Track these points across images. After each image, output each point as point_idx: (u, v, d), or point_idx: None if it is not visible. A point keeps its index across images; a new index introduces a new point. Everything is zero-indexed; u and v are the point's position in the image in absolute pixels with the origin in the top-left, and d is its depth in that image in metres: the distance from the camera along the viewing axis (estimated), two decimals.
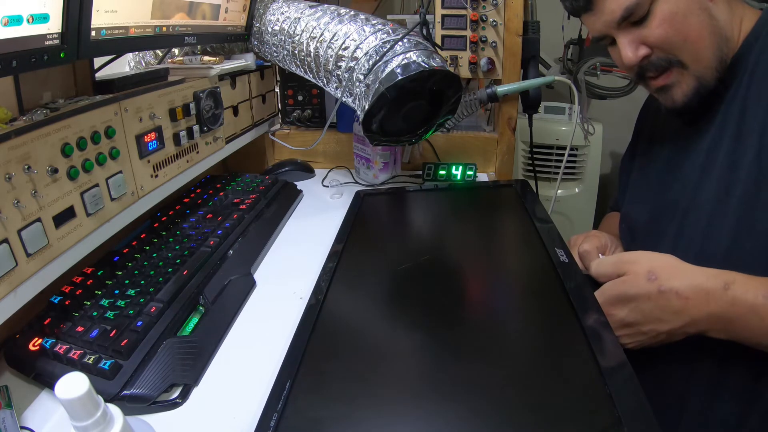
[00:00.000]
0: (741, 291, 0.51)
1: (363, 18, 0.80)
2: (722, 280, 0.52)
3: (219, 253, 0.70)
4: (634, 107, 2.33)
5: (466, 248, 0.72)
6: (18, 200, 0.48)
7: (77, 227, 0.56)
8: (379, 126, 0.77)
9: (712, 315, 0.52)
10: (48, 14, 0.48)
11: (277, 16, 0.89)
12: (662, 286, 0.54)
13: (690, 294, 0.53)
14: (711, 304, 0.52)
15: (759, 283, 0.51)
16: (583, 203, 1.83)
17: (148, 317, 0.54)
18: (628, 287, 0.56)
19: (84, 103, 0.59)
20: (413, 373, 0.47)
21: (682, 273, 0.54)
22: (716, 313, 0.52)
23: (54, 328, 0.53)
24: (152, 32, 0.66)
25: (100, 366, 0.48)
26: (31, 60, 0.47)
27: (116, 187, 0.61)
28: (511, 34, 0.97)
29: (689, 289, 0.53)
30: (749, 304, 0.50)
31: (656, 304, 0.54)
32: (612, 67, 1.84)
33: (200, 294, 0.61)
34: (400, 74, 0.71)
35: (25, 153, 0.49)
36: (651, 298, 0.55)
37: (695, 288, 0.53)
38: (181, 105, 0.75)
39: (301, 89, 1.13)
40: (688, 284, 0.53)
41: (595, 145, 1.77)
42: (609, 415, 0.38)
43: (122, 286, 0.60)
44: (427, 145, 1.07)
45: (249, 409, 0.46)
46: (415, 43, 0.75)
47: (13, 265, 0.48)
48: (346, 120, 1.10)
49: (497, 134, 1.06)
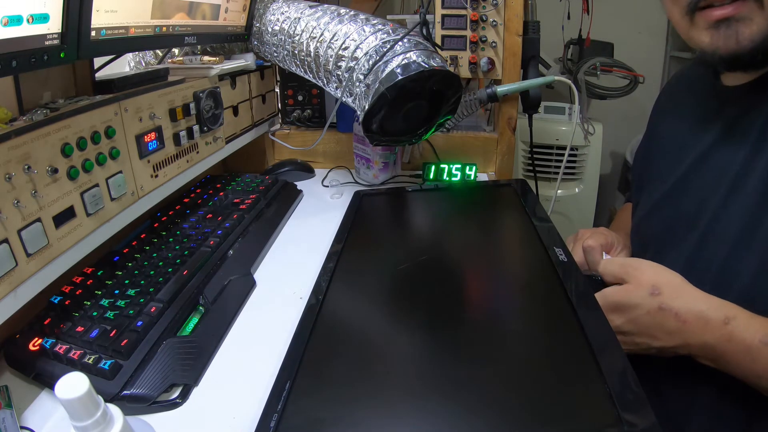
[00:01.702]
0: (740, 329, 0.50)
1: (363, 18, 0.80)
2: (724, 313, 0.51)
3: (219, 253, 0.70)
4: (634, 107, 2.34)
5: (465, 248, 0.72)
6: (18, 200, 0.48)
7: (77, 227, 0.56)
8: (379, 126, 0.77)
9: (707, 345, 0.51)
10: (48, 14, 0.48)
11: (277, 16, 0.89)
12: (663, 303, 0.53)
13: (689, 318, 0.52)
14: (707, 333, 0.51)
15: (760, 325, 0.50)
16: (583, 203, 1.83)
17: (148, 317, 0.54)
18: (629, 296, 0.55)
19: (84, 103, 0.59)
20: (412, 372, 0.47)
21: (686, 295, 0.53)
22: (710, 344, 0.51)
23: (54, 328, 0.53)
24: (152, 32, 0.66)
25: (100, 366, 0.48)
26: (31, 60, 0.47)
27: (116, 187, 0.61)
28: (511, 34, 0.97)
29: (689, 314, 0.52)
30: (745, 344, 0.49)
31: (653, 320, 0.54)
32: (612, 67, 1.84)
33: (200, 294, 0.61)
34: (400, 74, 0.71)
35: (25, 153, 0.49)
36: (650, 312, 0.54)
37: (696, 314, 0.52)
38: (181, 105, 0.75)
39: (301, 89, 1.13)
40: (689, 308, 0.52)
41: (595, 145, 1.78)
42: (609, 414, 0.38)
43: (122, 286, 0.60)
44: (427, 145, 1.07)
45: (249, 409, 0.46)
46: (415, 43, 0.75)
47: (13, 265, 0.48)
48: (346, 120, 1.10)
49: (497, 134, 1.06)
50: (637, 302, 0.55)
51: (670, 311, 0.53)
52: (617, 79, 1.86)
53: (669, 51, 2.32)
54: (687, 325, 0.52)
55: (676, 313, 0.53)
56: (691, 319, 0.52)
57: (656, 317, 0.54)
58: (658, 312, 0.53)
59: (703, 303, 0.52)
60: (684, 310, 0.52)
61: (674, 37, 2.31)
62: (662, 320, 0.53)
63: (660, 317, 0.53)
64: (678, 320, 0.52)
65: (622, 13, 2.15)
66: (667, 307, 0.53)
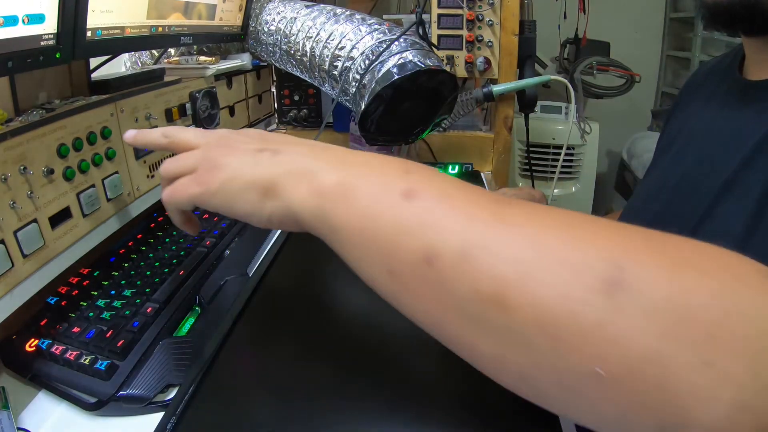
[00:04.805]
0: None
1: (359, 18, 0.80)
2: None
3: (215, 253, 0.70)
4: (630, 106, 2.35)
5: None
6: (14, 201, 0.48)
7: (73, 228, 0.56)
8: (376, 125, 0.77)
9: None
10: (44, 14, 0.48)
11: (273, 15, 0.89)
12: None
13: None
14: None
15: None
16: (580, 202, 1.83)
17: (145, 318, 0.54)
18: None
19: (80, 104, 0.59)
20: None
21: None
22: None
23: (50, 329, 0.53)
24: (148, 32, 0.66)
25: (96, 367, 0.48)
26: (27, 61, 0.47)
27: (112, 187, 0.61)
28: (508, 33, 0.97)
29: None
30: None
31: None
32: (608, 67, 1.84)
33: (196, 294, 0.61)
34: (397, 74, 0.71)
35: (21, 154, 0.49)
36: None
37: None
38: (177, 105, 0.75)
39: (297, 89, 1.13)
40: None
41: (591, 144, 1.78)
42: None
43: (118, 287, 0.60)
44: (423, 144, 1.07)
45: None
46: (411, 42, 0.75)
47: (9, 266, 0.48)
48: (342, 120, 1.10)
49: (494, 133, 1.06)
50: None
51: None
52: (613, 78, 1.87)
53: (665, 50, 2.33)
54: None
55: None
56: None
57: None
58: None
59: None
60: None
61: (670, 37, 2.32)
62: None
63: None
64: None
65: (618, 12, 2.16)
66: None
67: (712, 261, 0.27)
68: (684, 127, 0.64)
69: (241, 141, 0.42)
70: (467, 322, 0.29)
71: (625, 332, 0.25)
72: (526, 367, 0.28)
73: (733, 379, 0.24)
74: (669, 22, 2.29)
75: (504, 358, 0.29)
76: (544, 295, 0.27)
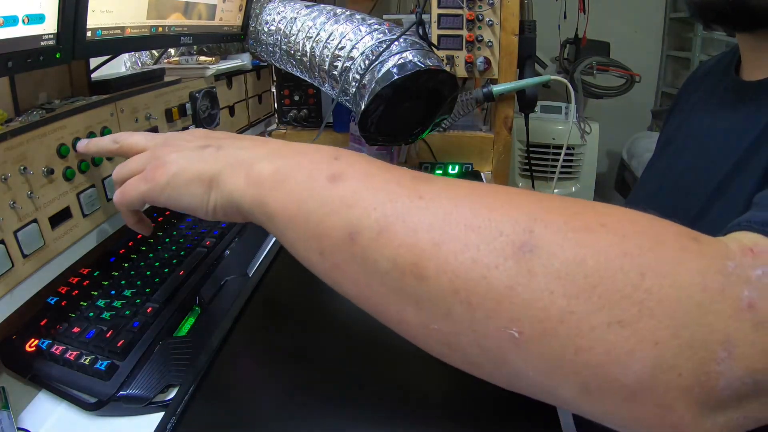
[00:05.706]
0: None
1: (359, 18, 0.80)
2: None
3: (215, 254, 0.70)
4: (630, 106, 2.35)
5: None
6: (14, 201, 0.48)
7: (73, 228, 0.56)
8: (376, 126, 0.77)
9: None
10: (44, 15, 0.48)
11: (273, 15, 0.89)
12: None
13: None
14: None
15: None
16: None
17: (145, 318, 0.54)
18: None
19: (80, 104, 0.59)
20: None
21: None
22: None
23: (50, 329, 0.53)
24: (148, 32, 0.66)
25: (96, 367, 0.48)
26: (27, 61, 0.47)
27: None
28: (508, 33, 0.97)
29: None
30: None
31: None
32: (608, 67, 1.84)
33: (196, 294, 0.61)
34: (397, 74, 0.71)
35: (21, 154, 0.49)
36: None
37: None
38: (177, 105, 0.75)
39: (297, 89, 1.13)
40: None
41: (591, 144, 1.78)
42: None
43: (118, 287, 0.60)
44: (423, 144, 1.07)
45: None
46: (411, 42, 0.75)
47: (9, 266, 0.48)
48: (342, 120, 1.10)
49: (494, 133, 1.06)
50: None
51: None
52: (613, 78, 1.87)
53: (665, 50, 2.33)
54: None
55: None
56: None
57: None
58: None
59: None
60: None
61: (670, 37, 2.32)
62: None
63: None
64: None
65: (618, 12, 2.16)
66: None
67: (632, 224, 0.27)
68: (682, 127, 0.64)
69: (186, 139, 0.44)
70: (391, 294, 0.30)
71: (536, 294, 0.25)
72: (449, 334, 0.29)
73: (650, 338, 0.24)
74: (669, 22, 2.29)
75: (427, 326, 0.29)
76: (457, 261, 0.27)
